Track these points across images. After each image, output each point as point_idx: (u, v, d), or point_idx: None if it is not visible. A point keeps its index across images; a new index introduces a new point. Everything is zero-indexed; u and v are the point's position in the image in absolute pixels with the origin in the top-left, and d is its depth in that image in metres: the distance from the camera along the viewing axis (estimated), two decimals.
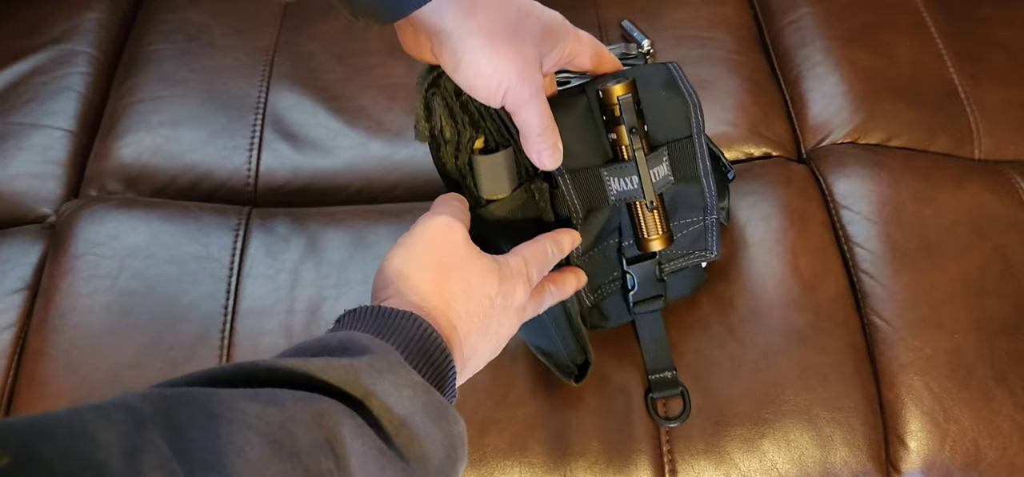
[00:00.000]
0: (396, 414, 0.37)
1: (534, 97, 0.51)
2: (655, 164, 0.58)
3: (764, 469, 0.63)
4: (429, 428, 0.38)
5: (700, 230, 0.64)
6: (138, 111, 0.84)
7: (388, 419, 0.37)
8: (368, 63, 0.88)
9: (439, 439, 0.38)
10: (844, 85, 0.85)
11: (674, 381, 0.64)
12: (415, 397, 0.38)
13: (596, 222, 0.61)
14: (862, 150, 0.81)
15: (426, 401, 0.38)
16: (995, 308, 0.68)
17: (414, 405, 0.38)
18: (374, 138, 0.82)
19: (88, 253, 0.72)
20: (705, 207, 0.63)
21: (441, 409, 0.39)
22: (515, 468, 0.62)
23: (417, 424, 0.37)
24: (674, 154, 0.60)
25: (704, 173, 0.61)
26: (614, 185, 0.58)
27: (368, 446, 0.35)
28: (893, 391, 0.66)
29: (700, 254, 0.65)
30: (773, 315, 0.68)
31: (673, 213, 0.62)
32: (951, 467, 0.64)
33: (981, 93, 0.84)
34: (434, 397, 0.39)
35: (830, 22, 0.90)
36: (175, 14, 0.93)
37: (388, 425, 0.36)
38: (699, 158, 0.61)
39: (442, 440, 0.39)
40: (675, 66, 0.61)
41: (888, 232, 0.73)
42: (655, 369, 0.65)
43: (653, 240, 0.60)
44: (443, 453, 0.38)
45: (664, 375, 0.64)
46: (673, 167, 0.60)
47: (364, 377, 0.37)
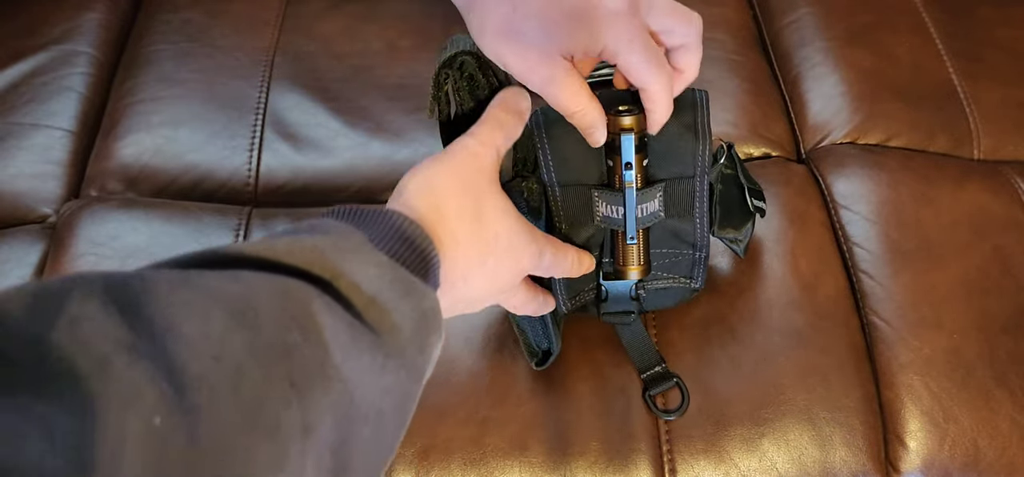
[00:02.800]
0: (364, 292, 0.37)
1: (553, 82, 0.49)
2: (646, 199, 0.57)
3: (764, 469, 0.63)
4: (397, 302, 0.38)
5: (688, 261, 0.63)
6: (138, 111, 0.84)
7: (357, 296, 0.37)
8: (368, 63, 0.88)
9: (408, 311, 0.39)
10: (843, 85, 0.85)
11: (667, 374, 0.64)
12: (382, 274, 0.38)
13: (581, 234, 0.60)
14: (861, 150, 0.81)
15: (393, 277, 0.39)
16: (995, 308, 0.68)
17: (381, 282, 0.38)
18: (374, 138, 0.82)
19: (89, 253, 0.72)
20: (694, 244, 0.62)
21: (409, 284, 0.40)
22: (515, 468, 0.63)
23: (386, 299, 0.38)
24: (671, 191, 0.59)
25: (699, 214, 0.60)
26: (601, 209, 0.57)
27: (338, 319, 0.35)
28: (892, 391, 0.66)
29: (684, 281, 0.64)
30: (773, 315, 0.68)
31: (662, 239, 0.62)
32: (950, 467, 0.64)
33: (980, 93, 0.84)
34: (401, 273, 0.39)
35: (829, 22, 0.91)
36: (175, 14, 0.93)
37: (357, 302, 0.37)
38: (697, 198, 0.60)
39: (411, 313, 0.39)
40: (702, 96, 0.58)
41: (887, 232, 0.73)
42: (644, 367, 0.65)
43: (631, 269, 0.59)
44: (412, 325, 0.39)
45: (655, 370, 0.64)
46: (667, 204, 0.59)
47: (330, 256, 0.37)
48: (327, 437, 0.33)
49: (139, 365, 0.28)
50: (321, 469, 0.33)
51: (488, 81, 0.55)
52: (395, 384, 0.38)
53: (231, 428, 0.29)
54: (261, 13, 0.93)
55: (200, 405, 0.28)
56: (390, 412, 0.38)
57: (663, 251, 0.62)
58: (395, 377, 0.38)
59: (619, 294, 0.63)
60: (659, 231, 0.61)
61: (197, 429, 0.28)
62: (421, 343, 0.40)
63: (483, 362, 0.66)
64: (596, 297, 0.64)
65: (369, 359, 0.36)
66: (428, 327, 0.40)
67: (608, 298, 0.63)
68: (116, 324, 0.28)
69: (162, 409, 0.27)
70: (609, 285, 0.63)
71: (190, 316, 0.30)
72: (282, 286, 0.34)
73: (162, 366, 0.28)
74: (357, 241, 0.39)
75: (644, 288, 0.64)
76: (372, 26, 0.91)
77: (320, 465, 0.33)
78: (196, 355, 0.29)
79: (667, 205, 0.59)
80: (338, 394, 0.34)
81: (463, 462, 0.63)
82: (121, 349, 0.28)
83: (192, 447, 0.28)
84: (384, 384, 0.37)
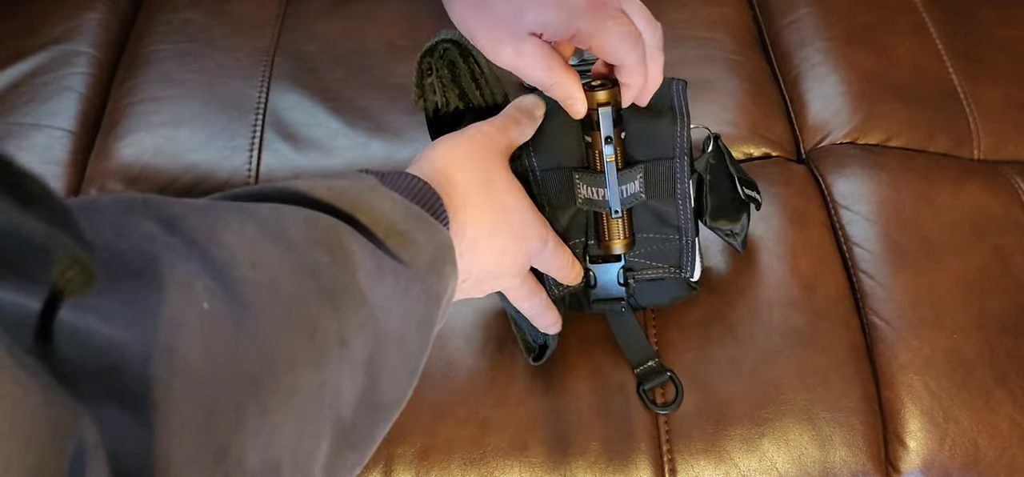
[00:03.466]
0: (383, 222, 0.39)
1: (522, 56, 0.49)
2: (627, 180, 0.57)
3: (764, 468, 0.63)
4: (414, 233, 0.40)
5: (675, 247, 0.63)
6: (139, 111, 0.84)
7: (377, 227, 0.39)
8: (368, 63, 0.88)
9: (424, 241, 0.41)
10: (843, 85, 0.85)
11: (660, 368, 0.64)
12: (395, 208, 0.41)
13: (563, 217, 0.60)
14: (861, 150, 0.81)
15: (407, 212, 0.41)
16: (995, 308, 0.68)
17: (396, 215, 0.40)
18: (374, 138, 0.82)
19: None
20: (679, 228, 0.62)
21: (422, 218, 0.42)
22: (515, 468, 0.63)
23: (403, 229, 0.40)
24: (651, 172, 0.59)
25: (681, 195, 0.60)
26: (583, 191, 0.58)
27: (362, 247, 0.37)
28: (892, 391, 0.66)
29: (674, 270, 0.64)
30: (773, 315, 0.68)
31: (647, 224, 0.62)
32: (950, 467, 0.64)
33: (980, 93, 0.84)
34: (414, 209, 0.42)
35: (830, 22, 0.91)
36: (175, 14, 0.93)
37: (378, 232, 0.39)
38: (677, 180, 0.59)
39: (427, 243, 0.41)
40: (679, 85, 0.59)
41: (887, 232, 0.73)
42: (638, 362, 0.64)
43: (615, 243, 0.59)
44: (429, 254, 0.41)
45: (649, 365, 0.64)
46: (648, 185, 0.59)
47: (349, 193, 0.39)
48: (359, 354, 0.35)
49: (183, 263, 0.30)
50: (355, 384, 0.35)
51: (470, 68, 0.56)
52: (416, 308, 0.40)
53: (273, 321, 0.31)
54: (261, 13, 0.93)
55: (243, 299, 0.30)
56: (412, 335, 0.40)
57: (649, 236, 0.62)
58: (416, 301, 0.40)
59: (608, 280, 0.63)
60: (644, 216, 0.61)
61: (243, 317, 0.30)
62: (438, 271, 0.42)
63: (483, 362, 0.66)
64: (585, 283, 0.64)
65: (392, 283, 0.38)
66: (443, 257, 0.42)
67: (597, 284, 0.63)
68: (159, 232, 0.30)
69: (208, 297, 0.29)
70: (597, 270, 0.63)
71: (227, 229, 0.32)
72: (309, 214, 0.36)
73: (205, 265, 0.30)
74: (371, 182, 0.41)
75: (634, 277, 0.64)
76: (372, 26, 0.91)
77: (354, 379, 0.35)
78: (235, 260, 0.31)
79: (648, 186, 0.59)
80: (366, 315, 0.36)
81: (463, 462, 0.63)
82: (166, 251, 0.30)
83: (239, 332, 0.30)
84: (406, 307, 0.39)
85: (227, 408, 0.28)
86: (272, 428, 0.30)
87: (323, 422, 0.33)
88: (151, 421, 0.26)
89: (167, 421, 0.26)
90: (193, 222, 0.32)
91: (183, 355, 0.27)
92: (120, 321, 0.27)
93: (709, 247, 0.71)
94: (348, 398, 0.35)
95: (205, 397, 0.28)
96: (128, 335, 0.27)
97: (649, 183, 0.59)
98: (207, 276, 0.30)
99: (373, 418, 0.38)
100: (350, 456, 0.36)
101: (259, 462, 0.29)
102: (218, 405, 0.28)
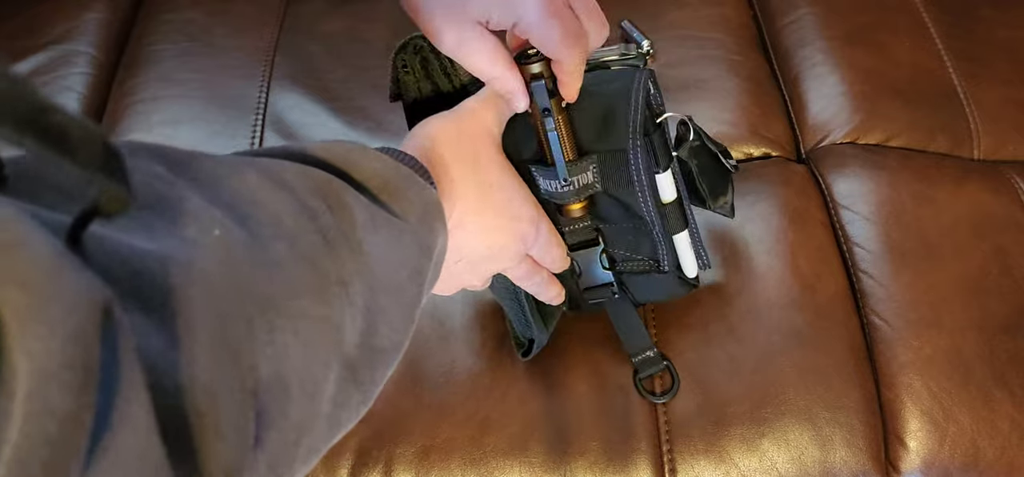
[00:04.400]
0: (375, 179, 0.41)
1: (463, 44, 0.49)
2: (579, 171, 0.56)
3: (764, 468, 0.63)
4: (404, 189, 0.42)
5: (648, 239, 0.61)
6: (139, 111, 0.85)
7: (369, 182, 0.41)
8: (368, 63, 0.88)
9: (414, 197, 0.42)
10: (843, 85, 0.85)
11: (657, 358, 0.64)
12: (386, 168, 0.42)
13: None
14: (861, 150, 0.81)
15: (397, 171, 0.43)
16: (994, 308, 0.68)
17: (387, 173, 0.42)
18: (374, 139, 0.82)
19: None
20: (644, 219, 0.59)
21: (411, 178, 0.43)
22: (515, 468, 0.63)
23: (394, 186, 0.42)
24: (606, 162, 0.57)
25: (639, 187, 0.57)
26: (541, 183, 0.57)
27: (356, 199, 0.39)
28: (892, 391, 0.66)
29: (652, 263, 0.63)
30: (773, 314, 0.68)
31: (617, 215, 0.60)
32: (950, 467, 0.64)
33: (980, 93, 0.84)
34: (404, 170, 0.43)
35: (829, 22, 0.91)
36: (176, 14, 0.93)
37: (370, 186, 0.41)
38: (633, 170, 0.57)
39: (416, 199, 0.42)
40: (643, 75, 0.57)
41: (887, 232, 0.73)
42: (635, 352, 0.65)
43: (572, 208, 0.58)
44: (419, 210, 0.42)
45: (646, 355, 0.64)
46: (604, 176, 0.57)
47: (341, 153, 0.41)
48: (357, 298, 0.37)
49: (192, 198, 0.31)
50: (356, 328, 0.37)
51: (441, 63, 0.57)
52: (409, 257, 0.41)
53: (278, 250, 0.33)
54: (261, 13, 0.93)
55: (249, 228, 0.32)
56: (406, 285, 0.41)
57: (624, 226, 0.61)
58: (408, 250, 0.41)
59: (591, 266, 0.63)
60: (612, 208, 0.59)
61: (251, 243, 0.32)
62: (429, 225, 0.43)
63: (483, 362, 0.66)
64: (572, 272, 0.63)
65: (385, 234, 0.40)
66: (432, 214, 0.43)
67: (582, 273, 0.63)
68: (165, 172, 0.32)
69: (219, 226, 0.31)
70: (578, 258, 0.63)
71: (229, 173, 0.34)
72: (305, 168, 0.38)
73: (211, 200, 0.32)
74: (361, 148, 0.43)
75: (620, 269, 0.63)
76: (372, 26, 0.91)
77: (355, 323, 0.37)
78: (239, 197, 0.33)
79: (604, 178, 0.57)
80: (362, 262, 0.37)
81: (463, 462, 0.63)
82: (174, 188, 0.32)
83: (248, 255, 0.32)
84: (400, 256, 0.41)
85: (240, 319, 0.30)
86: (280, 346, 0.32)
87: (329, 353, 0.35)
88: (174, 324, 0.27)
89: (188, 325, 0.28)
90: (196, 167, 0.34)
91: (200, 267, 0.29)
92: (140, 236, 0.29)
93: (709, 245, 0.71)
94: (350, 337, 0.36)
95: (220, 306, 0.29)
96: (149, 246, 0.28)
97: (604, 174, 0.57)
98: (214, 207, 0.32)
99: (373, 361, 0.39)
100: (355, 394, 0.38)
101: (270, 373, 0.31)
102: (232, 315, 0.30)
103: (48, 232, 0.23)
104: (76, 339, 0.22)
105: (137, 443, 0.24)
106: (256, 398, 0.30)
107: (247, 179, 0.35)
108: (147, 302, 0.27)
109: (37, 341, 0.21)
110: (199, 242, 0.30)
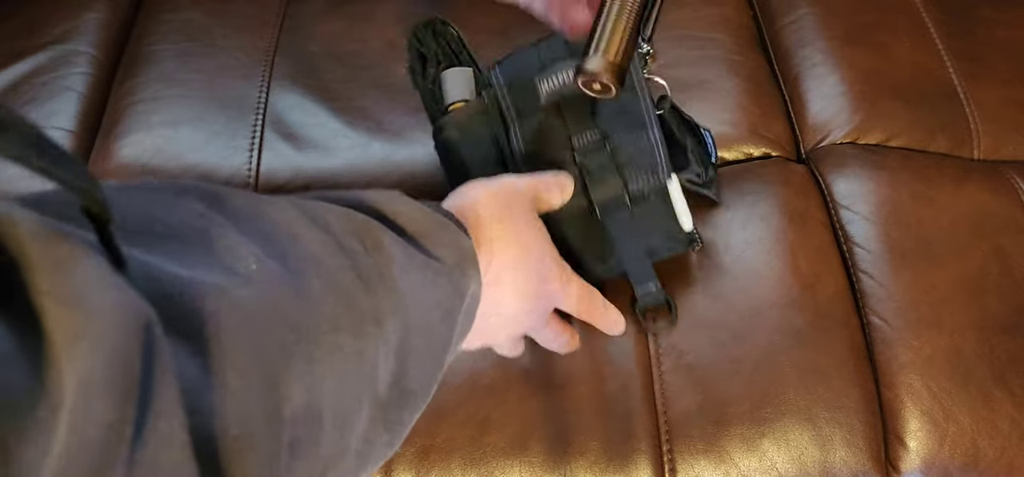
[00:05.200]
0: (411, 224, 0.42)
1: None
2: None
3: (764, 468, 0.63)
4: (440, 236, 0.44)
5: (647, 144, 0.66)
6: (139, 111, 0.85)
7: (409, 226, 0.42)
8: (368, 63, 0.88)
9: (449, 243, 0.44)
10: (843, 85, 0.85)
11: (659, 293, 0.66)
12: (425, 214, 0.44)
13: (533, 118, 0.65)
14: (861, 150, 0.81)
15: (432, 217, 0.44)
16: (995, 308, 0.68)
17: (424, 219, 0.43)
18: (375, 138, 0.82)
19: None
20: (644, 123, 0.65)
21: (448, 226, 0.45)
22: (515, 468, 0.63)
23: (430, 231, 0.43)
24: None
25: (639, 86, 0.65)
26: (544, 87, 0.63)
27: (394, 241, 0.40)
28: (892, 391, 0.66)
29: (653, 179, 0.66)
30: (773, 314, 0.68)
31: (619, 127, 0.65)
32: (950, 467, 0.64)
33: (980, 93, 0.84)
34: (440, 218, 0.45)
35: (829, 22, 0.91)
36: (175, 14, 0.93)
37: (410, 230, 0.42)
38: (634, 72, 0.64)
39: (452, 245, 0.44)
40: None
41: (887, 232, 0.73)
42: (639, 281, 0.66)
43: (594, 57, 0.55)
44: (454, 256, 0.44)
45: (648, 288, 0.66)
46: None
47: (379, 200, 0.42)
48: (391, 337, 0.37)
49: (230, 232, 0.32)
50: (388, 367, 0.37)
51: (455, 32, 0.66)
52: (443, 298, 0.43)
53: (315, 286, 0.34)
54: (261, 13, 0.93)
55: (287, 264, 0.33)
56: (438, 327, 0.42)
57: (621, 135, 0.65)
58: (442, 292, 0.42)
59: (598, 166, 0.65)
60: (614, 120, 0.65)
61: (287, 277, 0.33)
62: (462, 269, 0.44)
63: (483, 362, 0.66)
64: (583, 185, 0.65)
65: (420, 276, 0.41)
66: (467, 261, 0.45)
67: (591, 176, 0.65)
68: (205, 209, 0.33)
69: (255, 260, 0.32)
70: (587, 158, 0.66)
71: (268, 209, 0.36)
72: (342, 209, 0.39)
73: (250, 236, 0.33)
74: (398, 194, 0.44)
75: (628, 186, 0.66)
76: (372, 26, 0.91)
77: (388, 362, 0.37)
78: (278, 232, 0.34)
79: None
80: (396, 301, 0.38)
81: (463, 462, 0.63)
82: (213, 224, 0.33)
83: (285, 288, 0.32)
84: (434, 298, 0.42)
85: (276, 348, 0.31)
86: (315, 377, 0.32)
87: (362, 389, 0.35)
88: (208, 349, 0.28)
89: (223, 351, 0.28)
90: (236, 201, 0.35)
91: (235, 297, 0.30)
92: (178, 265, 0.29)
93: (709, 245, 0.71)
94: (383, 375, 0.37)
95: (255, 335, 0.30)
96: (185, 273, 0.29)
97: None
98: (253, 244, 0.33)
99: (402, 403, 0.39)
100: (383, 434, 0.38)
101: (304, 403, 0.31)
102: (268, 343, 0.30)
103: (95, 251, 0.24)
104: (119, 355, 0.23)
105: (172, 458, 0.25)
106: (289, 426, 0.30)
107: (286, 215, 0.36)
108: (183, 326, 0.28)
109: (83, 357, 0.21)
110: (236, 271, 0.31)
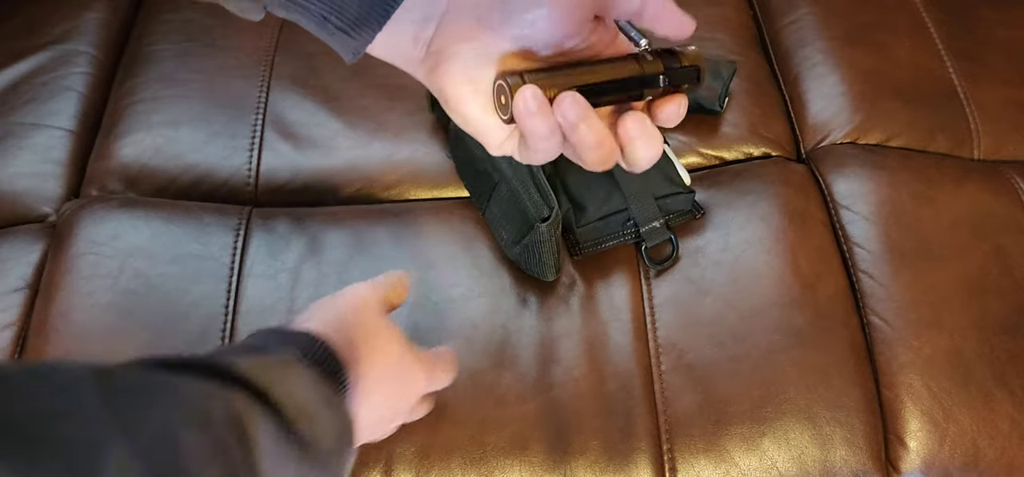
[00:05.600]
0: (292, 404, 0.42)
1: None
2: None
3: (764, 468, 0.63)
4: (322, 413, 0.44)
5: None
6: (139, 111, 0.84)
7: (288, 406, 0.42)
8: (368, 63, 0.87)
9: (331, 421, 0.44)
10: (843, 85, 0.85)
11: (662, 229, 0.71)
12: (307, 388, 0.44)
13: None
14: (861, 150, 0.81)
15: (318, 393, 0.45)
16: (994, 308, 0.68)
17: (308, 395, 0.44)
18: (375, 138, 0.82)
19: (89, 253, 0.72)
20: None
21: (332, 400, 0.46)
22: (515, 467, 0.63)
23: (313, 411, 0.43)
24: None
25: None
26: None
27: (266, 433, 0.40)
28: (893, 390, 0.66)
29: None
30: (773, 314, 0.68)
31: None
32: (950, 466, 0.64)
33: (980, 93, 0.84)
34: (324, 390, 0.46)
35: (829, 22, 0.91)
36: (175, 14, 0.93)
37: (288, 411, 0.42)
38: None
39: (333, 423, 0.45)
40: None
41: (887, 232, 0.73)
42: (643, 221, 0.70)
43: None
44: (334, 435, 0.44)
45: (652, 225, 0.70)
46: None
47: (270, 370, 0.42)
48: None
49: (117, 448, 0.32)
50: None
51: None
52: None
53: None
54: None
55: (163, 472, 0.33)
56: None
57: None
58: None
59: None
60: None
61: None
62: (340, 452, 0.45)
63: (483, 362, 0.66)
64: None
65: (294, 469, 0.41)
66: (346, 438, 0.46)
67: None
68: (101, 409, 0.33)
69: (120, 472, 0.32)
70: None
71: (153, 405, 0.36)
72: (226, 395, 0.39)
73: (135, 445, 0.33)
74: (289, 358, 0.45)
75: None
76: None
77: None
78: (160, 445, 0.34)
79: None
80: None
81: (463, 462, 0.63)
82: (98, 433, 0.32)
83: None
84: None
85: None
86: None
87: None
88: None
89: None
90: (129, 398, 0.35)
91: None
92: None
93: (709, 244, 0.71)
94: None
95: None
96: None
97: None
98: (136, 456, 0.32)
99: None
100: None
101: None
102: None
103: None
104: None
105: None
106: None
107: (170, 417, 0.36)
108: None
109: None
110: None
